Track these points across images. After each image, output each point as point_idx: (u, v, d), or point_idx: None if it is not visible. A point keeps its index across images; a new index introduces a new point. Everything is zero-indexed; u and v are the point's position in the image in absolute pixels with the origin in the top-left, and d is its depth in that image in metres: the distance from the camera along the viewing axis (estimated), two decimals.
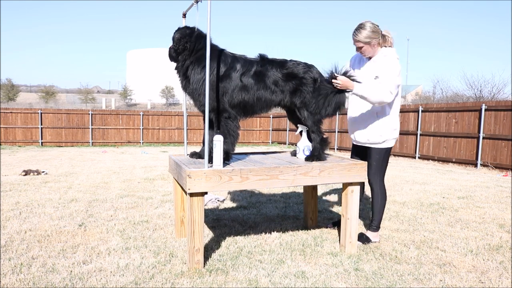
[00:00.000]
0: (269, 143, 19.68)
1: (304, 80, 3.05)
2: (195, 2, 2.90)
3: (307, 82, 3.05)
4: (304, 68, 3.07)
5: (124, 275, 2.59)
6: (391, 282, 2.56)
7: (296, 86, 3.05)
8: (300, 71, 3.06)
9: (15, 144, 16.28)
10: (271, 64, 3.06)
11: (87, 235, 3.48)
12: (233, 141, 2.99)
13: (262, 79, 3.01)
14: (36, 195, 5.24)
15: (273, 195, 5.31)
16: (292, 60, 3.13)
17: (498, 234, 3.64)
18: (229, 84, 2.96)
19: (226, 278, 2.57)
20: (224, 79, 2.95)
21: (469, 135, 9.82)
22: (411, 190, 5.89)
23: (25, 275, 2.58)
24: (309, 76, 3.06)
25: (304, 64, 3.11)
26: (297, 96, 3.06)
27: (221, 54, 3.01)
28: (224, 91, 2.95)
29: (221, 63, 2.96)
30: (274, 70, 3.04)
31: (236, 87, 2.97)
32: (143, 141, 18.12)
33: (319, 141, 3.14)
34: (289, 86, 3.05)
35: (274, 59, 3.12)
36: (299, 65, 3.08)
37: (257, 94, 3.01)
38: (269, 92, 3.03)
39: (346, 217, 3.07)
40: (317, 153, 3.13)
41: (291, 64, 3.08)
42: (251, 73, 2.99)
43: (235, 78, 2.97)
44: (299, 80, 3.05)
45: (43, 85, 59.86)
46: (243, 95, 2.99)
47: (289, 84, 3.05)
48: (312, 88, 3.04)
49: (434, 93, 31.24)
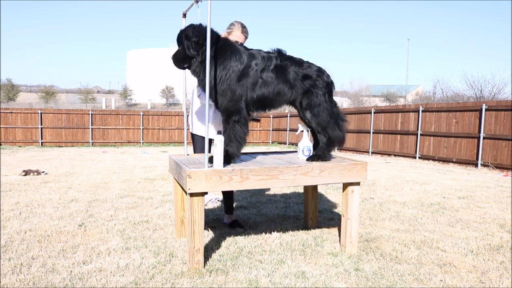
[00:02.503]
0: (269, 143, 19.68)
1: (317, 82, 3.06)
2: (195, 2, 2.89)
3: (318, 85, 3.06)
4: (317, 72, 3.09)
5: (124, 275, 2.59)
6: (392, 282, 2.56)
7: (309, 87, 3.05)
8: (313, 74, 3.07)
9: (15, 144, 16.29)
10: (290, 61, 3.06)
11: (87, 235, 3.47)
12: (238, 146, 2.94)
13: (282, 73, 3.00)
14: (36, 195, 5.23)
15: (273, 195, 5.30)
16: (307, 62, 3.14)
17: (498, 234, 3.64)
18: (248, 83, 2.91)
19: (226, 278, 2.57)
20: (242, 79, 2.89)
21: (469, 135, 9.82)
22: (412, 190, 5.89)
23: (25, 275, 2.57)
24: (321, 80, 3.08)
25: (317, 68, 3.13)
26: (305, 98, 3.06)
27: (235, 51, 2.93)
28: (242, 92, 2.90)
29: (237, 61, 2.89)
30: (293, 67, 3.04)
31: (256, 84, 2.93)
32: (143, 141, 18.13)
33: (325, 142, 3.13)
34: (303, 86, 3.05)
35: (293, 57, 3.12)
36: (313, 68, 3.10)
37: (277, 89, 2.99)
38: (287, 87, 3.02)
39: (347, 217, 3.07)
40: (321, 152, 3.12)
41: (306, 65, 3.10)
42: (271, 68, 2.97)
43: (254, 76, 2.92)
44: (312, 81, 3.06)
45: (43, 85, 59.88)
46: (264, 89, 2.95)
47: (303, 84, 3.05)
48: (321, 92, 3.05)
49: (435, 93, 31.25)
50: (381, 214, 4.34)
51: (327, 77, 3.14)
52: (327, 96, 3.10)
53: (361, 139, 13.86)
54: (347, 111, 15.02)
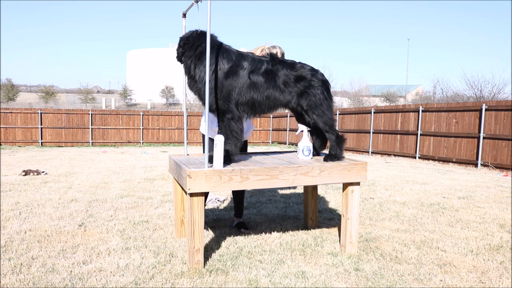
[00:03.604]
0: (269, 143, 19.68)
1: (312, 82, 3.04)
2: (195, 2, 2.89)
3: (314, 85, 3.04)
4: (311, 71, 3.08)
5: (124, 275, 2.59)
6: (392, 282, 2.56)
7: (304, 89, 3.03)
8: (308, 74, 3.05)
9: (15, 144, 16.28)
10: (282, 64, 3.04)
11: (87, 235, 3.47)
12: (236, 142, 2.95)
13: (272, 78, 2.98)
14: (36, 195, 5.23)
15: (273, 195, 5.30)
16: (300, 62, 3.13)
17: (498, 234, 3.64)
18: (236, 82, 2.91)
19: (226, 278, 2.57)
20: (229, 77, 2.89)
21: (469, 135, 9.82)
22: (412, 190, 5.89)
23: (25, 275, 2.57)
24: (316, 79, 3.06)
25: (310, 67, 3.12)
26: (304, 99, 3.05)
27: (223, 50, 2.95)
28: (230, 90, 2.90)
29: (224, 59, 2.90)
30: (285, 70, 3.02)
31: (244, 84, 2.92)
32: (143, 141, 18.13)
33: (335, 140, 3.11)
34: (297, 88, 3.03)
35: (284, 60, 3.11)
36: (306, 68, 3.09)
37: (267, 93, 2.98)
38: (278, 91, 3.00)
39: (346, 217, 3.07)
40: (335, 152, 3.10)
41: (299, 66, 3.08)
42: (261, 71, 2.97)
43: (243, 76, 2.92)
44: (307, 82, 3.04)
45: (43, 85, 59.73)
46: (252, 93, 2.95)
47: (297, 86, 3.03)
48: (319, 91, 3.04)
49: (435, 93, 31.25)
50: (381, 214, 4.34)
51: (321, 75, 3.13)
52: (326, 94, 3.09)
53: (361, 139, 13.86)
54: (347, 111, 15.02)
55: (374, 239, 3.44)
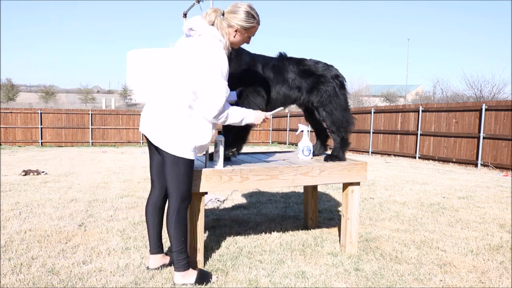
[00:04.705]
0: (269, 143, 19.67)
1: (323, 78, 2.99)
2: (197, 2, 2.90)
3: (326, 81, 2.99)
4: (323, 67, 3.03)
5: (124, 275, 2.59)
6: (391, 282, 2.56)
7: (314, 85, 2.98)
8: (319, 69, 3.00)
9: (15, 144, 16.28)
10: (289, 60, 3.00)
11: (87, 235, 3.47)
12: (241, 144, 2.94)
13: (280, 74, 2.94)
14: (36, 195, 5.23)
15: (273, 195, 5.30)
16: (311, 59, 3.08)
17: (498, 234, 3.64)
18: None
19: (226, 278, 2.57)
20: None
21: (469, 135, 9.82)
22: (411, 190, 5.89)
23: (25, 275, 2.57)
24: (329, 75, 3.00)
25: (324, 63, 3.06)
26: (314, 95, 3.00)
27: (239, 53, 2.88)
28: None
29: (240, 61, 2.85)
30: (291, 66, 2.97)
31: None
32: (143, 141, 18.11)
33: (339, 141, 3.10)
34: (306, 84, 2.98)
35: (292, 57, 3.08)
36: (318, 64, 3.04)
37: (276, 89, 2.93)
38: (286, 87, 2.95)
39: (346, 217, 3.07)
40: (337, 153, 3.09)
41: (310, 61, 3.04)
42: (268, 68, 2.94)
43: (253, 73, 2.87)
44: (317, 78, 2.99)
45: (43, 85, 59.75)
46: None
47: (307, 81, 2.98)
48: (331, 88, 2.99)
49: (434, 93, 31.23)
50: (381, 214, 4.34)
51: (335, 70, 3.07)
52: (337, 90, 3.00)
53: (361, 139, 13.86)
54: None
55: (374, 239, 3.44)
